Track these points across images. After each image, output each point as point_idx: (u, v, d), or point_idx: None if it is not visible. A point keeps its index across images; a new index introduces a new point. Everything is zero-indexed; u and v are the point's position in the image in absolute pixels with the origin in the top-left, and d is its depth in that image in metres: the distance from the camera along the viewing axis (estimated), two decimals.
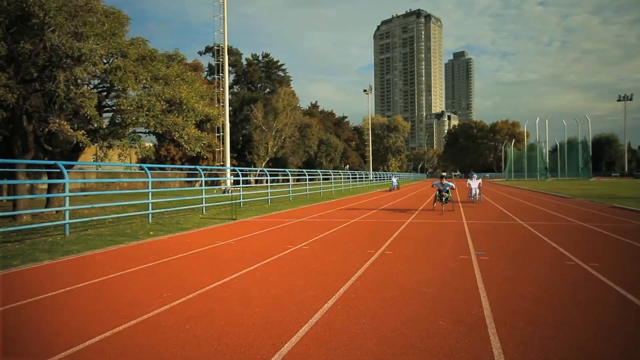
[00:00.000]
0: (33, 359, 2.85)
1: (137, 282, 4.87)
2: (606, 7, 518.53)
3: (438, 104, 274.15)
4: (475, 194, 16.21)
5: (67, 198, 8.59)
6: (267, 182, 20.33)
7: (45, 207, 14.39)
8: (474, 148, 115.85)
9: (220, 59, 36.55)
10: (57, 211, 14.27)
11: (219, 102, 37.20)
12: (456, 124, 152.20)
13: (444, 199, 12.96)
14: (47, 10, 11.06)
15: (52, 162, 8.76)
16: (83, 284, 4.80)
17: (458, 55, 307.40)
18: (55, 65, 12.12)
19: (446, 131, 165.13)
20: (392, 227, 9.71)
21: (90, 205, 10.04)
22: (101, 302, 4.13)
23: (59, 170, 11.86)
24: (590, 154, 72.08)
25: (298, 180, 31.51)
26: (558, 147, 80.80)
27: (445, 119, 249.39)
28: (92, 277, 5.14)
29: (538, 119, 78.45)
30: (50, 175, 14.93)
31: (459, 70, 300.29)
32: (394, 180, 30.29)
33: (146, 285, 4.72)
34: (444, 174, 13.27)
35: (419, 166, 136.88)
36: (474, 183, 16.30)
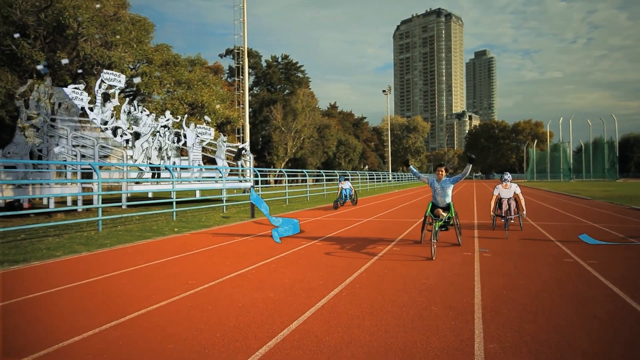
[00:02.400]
0: (92, 326, 3.39)
1: (165, 272, 5.43)
2: (634, 1, 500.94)
3: (459, 103, 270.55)
4: (510, 210, 8.79)
5: (100, 197, 9.30)
6: (285, 183, 20.90)
7: (77, 205, 15.28)
8: (496, 148, 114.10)
9: (240, 62, 37.44)
10: (87, 209, 15.14)
11: (239, 104, 38.10)
12: (477, 124, 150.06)
13: (437, 225, 6.46)
14: (80, 21, 11.87)
15: (87, 162, 9.47)
16: (118, 272, 5.39)
17: (479, 55, 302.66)
18: (87, 72, 12.97)
19: (467, 131, 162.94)
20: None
21: (121, 204, 10.75)
22: (134, 286, 4.69)
23: (91, 170, 12.67)
24: (617, 154, 70.10)
25: (317, 180, 32.01)
26: (583, 148, 78.84)
27: (466, 119, 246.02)
28: (125, 266, 5.74)
29: (562, 118, 76.84)
30: (82, 175, 15.84)
31: (481, 69, 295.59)
32: (346, 186, 16.18)
33: (172, 274, 5.27)
34: (442, 167, 7.02)
35: None
36: (508, 191, 8.99)
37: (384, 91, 72.67)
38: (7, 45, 11.59)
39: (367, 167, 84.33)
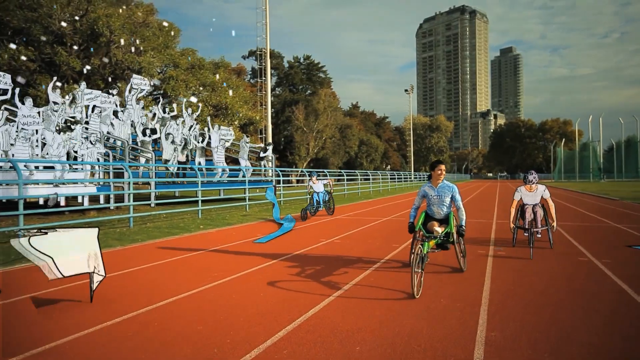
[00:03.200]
0: (125, 311, 3.80)
1: (192, 265, 5.84)
2: None
3: (483, 102, 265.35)
4: (536, 220, 6.81)
5: (132, 195, 9.86)
6: (307, 182, 21.23)
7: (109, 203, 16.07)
8: (522, 148, 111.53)
9: (263, 64, 38.13)
10: (118, 207, 15.90)
11: (261, 105, 38.83)
12: (502, 123, 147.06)
13: (426, 246, 4.65)
14: (112, 29, 12.55)
15: (119, 162, 10.05)
16: (149, 265, 5.84)
17: (505, 52, 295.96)
18: (118, 77, 13.67)
19: (492, 130, 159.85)
20: None
21: (149, 202, 11.31)
22: (166, 277, 5.11)
23: (122, 170, 13.33)
24: None
25: (338, 180, 32.27)
26: (614, 147, 76.20)
27: (491, 118, 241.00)
28: (157, 260, 6.18)
29: (591, 116, 74.53)
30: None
31: (506, 67, 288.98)
32: (318, 188, 12.19)
33: (199, 267, 5.67)
34: (442, 165, 5.14)
35: (463, 167, 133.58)
36: (533, 195, 6.95)
37: (406, 90, 72.26)
38: (46, 53, 12.48)
39: (389, 167, 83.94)
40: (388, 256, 6.35)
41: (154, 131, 14.56)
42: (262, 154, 19.26)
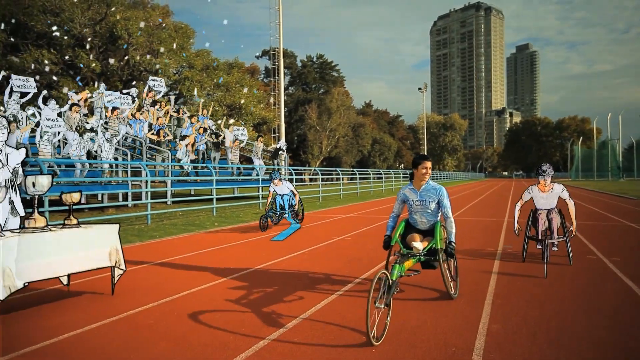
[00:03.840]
0: (144, 302, 4.04)
1: (211, 259, 6.09)
2: None
3: (499, 100, 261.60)
4: (552, 229, 5.55)
5: (149, 193, 10.18)
6: (319, 181, 21.42)
7: (127, 201, 16.53)
8: (538, 146, 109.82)
9: (276, 63, 38.44)
10: (135, 204, 16.34)
11: (275, 104, 39.17)
12: (518, 121, 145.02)
13: (398, 270, 3.59)
14: (130, 32, 12.92)
15: (137, 162, 10.38)
16: (169, 259, 6.11)
17: (521, 49, 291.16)
18: (136, 78, 14.05)
19: (507, 128, 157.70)
20: None
21: (166, 200, 11.64)
22: (182, 272, 5.37)
23: (139, 169, 13.72)
24: None
25: (351, 179, 32.41)
26: (634, 145, 74.45)
27: (507, 116, 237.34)
28: (174, 255, 6.45)
29: (610, 114, 73.04)
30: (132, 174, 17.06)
31: (522, 64, 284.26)
32: (283, 190, 9.61)
33: (215, 262, 5.91)
34: (428, 162, 4.08)
35: (477, 165, 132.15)
36: (548, 197, 5.67)
37: (419, 89, 71.87)
38: (68, 56, 13.00)
39: (402, 165, 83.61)
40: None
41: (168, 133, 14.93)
42: (276, 155, 19.51)
